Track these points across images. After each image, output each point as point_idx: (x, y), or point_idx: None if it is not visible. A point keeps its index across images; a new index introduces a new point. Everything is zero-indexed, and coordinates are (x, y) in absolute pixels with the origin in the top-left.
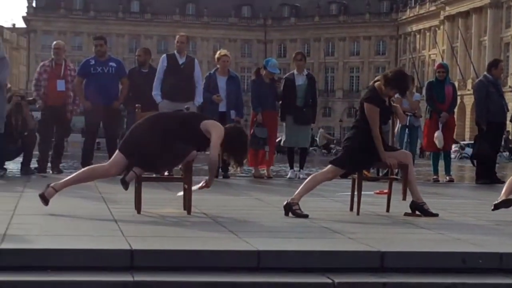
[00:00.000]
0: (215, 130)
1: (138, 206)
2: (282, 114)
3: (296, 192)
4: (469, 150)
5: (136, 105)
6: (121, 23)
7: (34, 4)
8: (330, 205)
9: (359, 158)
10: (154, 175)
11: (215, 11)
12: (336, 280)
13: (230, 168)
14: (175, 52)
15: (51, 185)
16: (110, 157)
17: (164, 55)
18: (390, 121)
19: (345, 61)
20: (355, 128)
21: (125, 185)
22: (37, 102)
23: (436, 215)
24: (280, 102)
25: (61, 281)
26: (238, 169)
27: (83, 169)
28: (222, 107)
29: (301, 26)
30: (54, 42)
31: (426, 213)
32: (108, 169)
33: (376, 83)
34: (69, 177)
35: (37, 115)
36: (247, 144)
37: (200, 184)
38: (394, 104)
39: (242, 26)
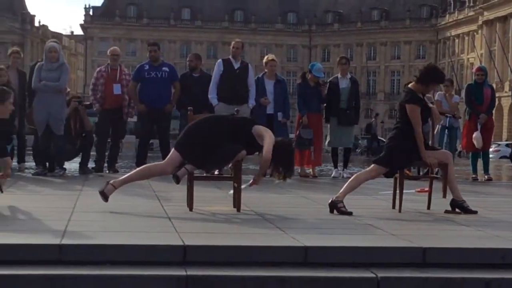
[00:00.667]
0: (268, 134)
1: (190, 204)
2: (326, 116)
3: (341, 190)
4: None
5: (189, 107)
6: (172, 30)
7: (91, 13)
8: (373, 203)
9: (401, 158)
10: (205, 174)
11: (262, 18)
12: (380, 275)
13: (275, 179)
14: (230, 57)
15: (111, 182)
16: (163, 157)
17: (220, 60)
18: (430, 122)
19: (386, 65)
20: (396, 129)
21: (176, 179)
22: (94, 105)
23: (475, 212)
24: (325, 104)
25: (119, 275)
26: (282, 180)
27: (141, 167)
28: (269, 109)
29: (344, 31)
30: (111, 48)
31: (466, 210)
32: (164, 167)
33: (410, 85)
34: (127, 174)
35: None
36: (292, 160)
37: (249, 182)
38: (431, 105)
39: (288, 32)
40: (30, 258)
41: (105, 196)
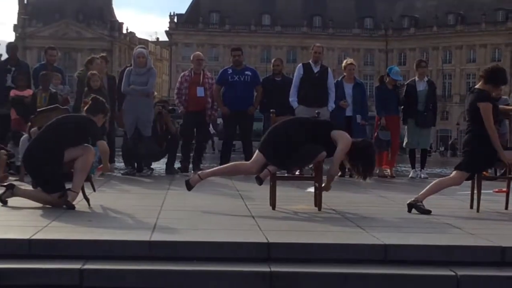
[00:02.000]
0: (342, 141)
1: (273, 203)
2: (404, 118)
3: (421, 192)
4: None
5: (271, 110)
6: (253, 35)
7: (175, 20)
8: (451, 202)
9: (481, 161)
10: (286, 174)
11: (339, 23)
12: (459, 273)
13: (357, 179)
14: (310, 61)
15: (198, 172)
16: (246, 157)
17: (300, 64)
18: (507, 123)
19: (462, 68)
20: (470, 132)
21: (259, 181)
22: (178, 108)
23: None
24: (402, 106)
25: (205, 271)
26: (363, 180)
27: (229, 164)
28: (348, 112)
29: (420, 35)
30: (196, 53)
31: None
32: (250, 167)
33: (478, 85)
34: (214, 168)
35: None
36: (373, 159)
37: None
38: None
39: (365, 37)
40: (122, 254)
41: (189, 185)
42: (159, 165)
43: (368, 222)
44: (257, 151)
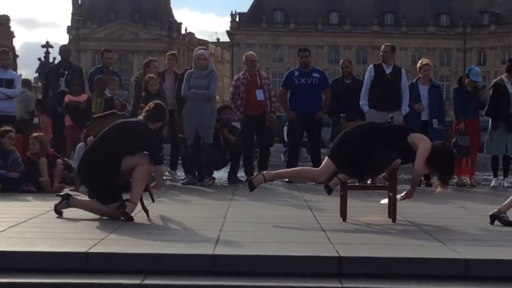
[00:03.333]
0: (422, 142)
1: (344, 214)
2: (493, 120)
3: (504, 203)
4: None
5: (341, 114)
6: (320, 35)
7: (237, 19)
8: None
9: None
10: (357, 183)
11: (413, 21)
12: None
13: (434, 188)
14: (382, 62)
15: (263, 172)
16: (313, 165)
17: (371, 65)
18: None
19: None
20: None
21: (328, 190)
22: (235, 114)
23: None
24: (485, 109)
25: (272, 286)
26: (443, 189)
27: (296, 168)
28: (424, 116)
29: (502, 33)
30: (249, 54)
31: None
32: (319, 174)
33: None
34: (281, 170)
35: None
36: (453, 163)
37: (402, 194)
38: None
39: (441, 35)
40: (183, 269)
41: (252, 186)
42: (221, 174)
43: (447, 234)
44: (326, 157)
